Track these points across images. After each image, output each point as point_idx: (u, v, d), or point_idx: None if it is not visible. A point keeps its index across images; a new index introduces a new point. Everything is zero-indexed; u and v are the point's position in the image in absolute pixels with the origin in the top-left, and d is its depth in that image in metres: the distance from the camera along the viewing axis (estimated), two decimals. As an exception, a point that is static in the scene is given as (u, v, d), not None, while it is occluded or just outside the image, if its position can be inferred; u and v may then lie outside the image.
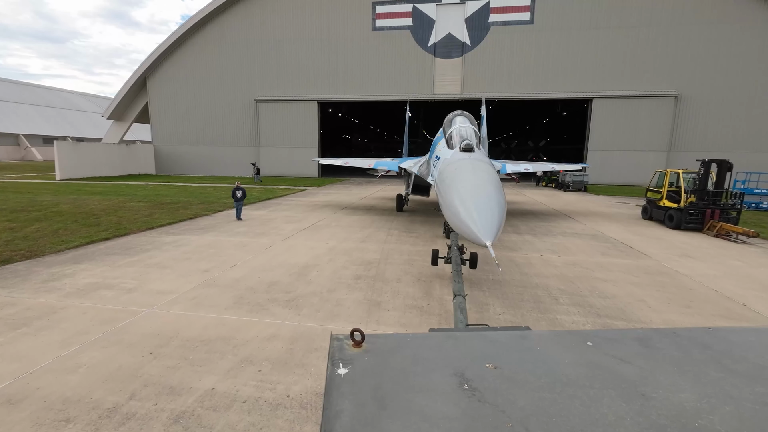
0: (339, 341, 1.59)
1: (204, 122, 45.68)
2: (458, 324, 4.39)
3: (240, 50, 43.65)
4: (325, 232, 14.39)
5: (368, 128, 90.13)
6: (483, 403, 1.26)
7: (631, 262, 11.05)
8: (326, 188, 31.80)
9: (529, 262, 10.88)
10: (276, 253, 11.32)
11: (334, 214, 18.41)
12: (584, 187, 33.48)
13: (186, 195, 24.57)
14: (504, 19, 40.56)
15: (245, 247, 11.95)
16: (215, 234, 13.71)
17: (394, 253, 11.55)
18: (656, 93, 38.95)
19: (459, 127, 10.40)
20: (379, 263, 10.45)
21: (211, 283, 8.70)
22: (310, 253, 11.28)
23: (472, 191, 6.78)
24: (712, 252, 12.44)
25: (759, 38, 36.50)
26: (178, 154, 46.21)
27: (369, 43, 42.03)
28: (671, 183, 17.87)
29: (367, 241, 13.08)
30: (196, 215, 17.26)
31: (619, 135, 40.01)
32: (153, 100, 45.62)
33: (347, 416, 1.19)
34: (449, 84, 42.19)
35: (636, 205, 24.18)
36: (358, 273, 9.58)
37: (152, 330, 6.38)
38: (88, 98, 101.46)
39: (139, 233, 13.66)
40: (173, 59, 44.61)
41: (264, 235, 13.68)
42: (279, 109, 44.29)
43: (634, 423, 1.19)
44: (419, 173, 15.33)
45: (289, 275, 9.29)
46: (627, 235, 14.96)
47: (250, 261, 10.44)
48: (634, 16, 38.41)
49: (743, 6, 36.35)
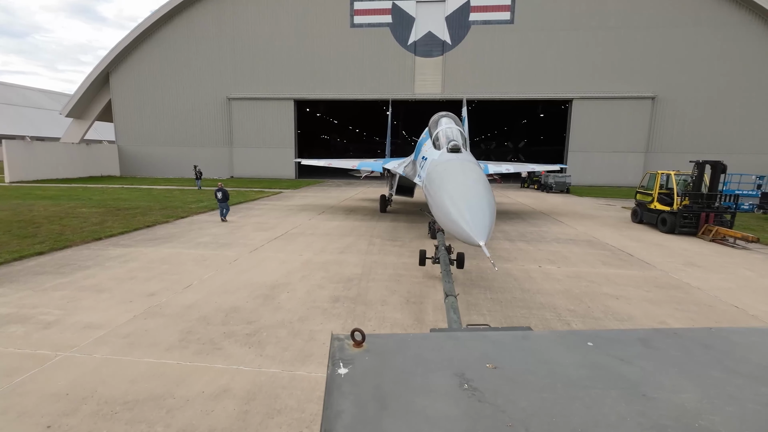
0: (340, 341, 1.58)
1: (173, 121, 43.14)
2: (452, 324, 4.24)
3: (211, 45, 41.40)
4: (299, 241, 12.91)
5: (347, 129, 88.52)
6: (484, 403, 1.26)
7: (637, 274, 10.08)
8: (303, 191, 30.17)
9: (528, 275, 9.74)
10: (241, 268, 9.79)
11: (310, 220, 16.92)
12: (567, 188, 33.07)
13: (148, 199, 22.52)
14: (484, 18, 39.91)
15: (205, 261, 10.35)
16: (173, 245, 12.02)
17: (378, 266, 10.21)
18: (634, 95, 39.12)
19: (445, 128, 10.37)
20: (360, 280, 9.08)
21: (155, 311, 7.13)
22: (281, 269, 9.80)
23: (462, 192, 6.77)
24: (716, 260, 11.65)
25: (731, 41, 37.10)
26: (145, 154, 43.48)
27: (347, 40, 40.58)
28: (662, 185, 17.27)
29: (346, 252, 11.69)
30: (155, 223, 15.43)
31: (598, 136, 40.01)
32: (117, 97, 42.78)
33: (348, 416, 1.18)
34: (430, 83, 41.23)
35: (622, 207, 23.71)
36: (337, 293, 8.19)
37: (61, 387, 4.82)
38: (51, 95, 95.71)
39: (82, 245, 11.83)
40: (138, 54, 41.92)
41: (229, 246, 12.08)
42: (253, 107, 42.25)
43: (635, 423, 1.18)
44: (405, 174, 14.99)
45: (253, 298, 7.80)
46: (623, 240, 14.11)
47: (208, 280, 8.88)
48: (613, 18, 38.45)
49: (716, 9, 36.87)
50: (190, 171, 43.19)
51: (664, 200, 16.69)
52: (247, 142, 42.78)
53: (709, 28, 37.09)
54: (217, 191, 16.10)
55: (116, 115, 43.09)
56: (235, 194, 26.05)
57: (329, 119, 73.25)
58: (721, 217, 15.23)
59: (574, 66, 39.41)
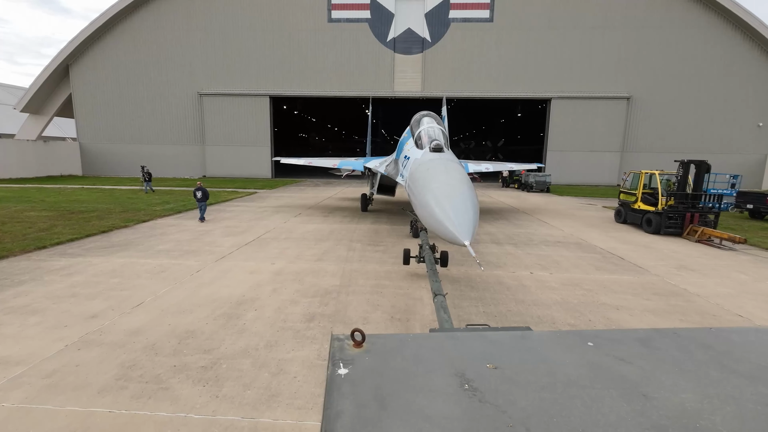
0: (340, 341, 1.58)
1: (140, 117, 40.86)
2: (444, 323, 4.20)
3: (180, 37, 39.36)
4: (272, 247, 11.84)
5: (326, 127, 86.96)
6: (484, 403, 1.26)
7: (633, 280, 9.54)
8: (279, 191, 28.87)
9: (521, 283, 9.03)
10: (203, 281, 8.68)
11: (285, 223, 15.82)
12: (547, 187, 32.98)
13: (109, 201, 20.83)
14: (464, 16, 39.49)
15: (163, 273, 9.17)
16: (128, 254, 10.74)
17: (358, 275, 9.30)
18: (610, 95, 39.56)
19: (427, 127, 10.44)
20: (339, 292, 8.14)
21: (93, 339, 6.00)
22: (250, 281, 8.75)
23: (446, 191, 6.76)
24: (707, 263, 11.28)
25: (701, 43, 37.97)
26: (110, 152, 41.03)
27: (325, 35, 39.37)
28: (645, 185, 17.04)
29: (324, 259, 10.72)
30: (112, 228, 14.01)
31: (576, 136, 40.29)
32: (78, 92, 40.17)
33: (348, 416, 1.18)
34: (409, 81, 40.52)
35: (603, 207, 23.60)
36: (312, 310, 7.23)
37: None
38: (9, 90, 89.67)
39: (22, 255, 10.40)
40: (101, 45, 39.43)
41: (193, 254, 10.90)
42: (227, 103, 40.48)
43: (635, 423, 1.18)
44: (387, 173, 14.92)
45: (214, 319, 6.75)
46: (611, 242, 13.68)
47: (164, 296, 7.75)
48: (589, 18, 38.74)
49: (686, 11, 37.64)
50: (161, 170, 41.11)
51: (648, 200, 16.44)
52: (220, 140, 40.97)
53: (680, 29, 37.84)
54: (196, 190, 15.76)
55: (77, 111, 40.47)
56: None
57: (307, 117, 71.62)
58: (705, 217, 15.06)
59: (552, 65, 39.51)
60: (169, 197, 22.90)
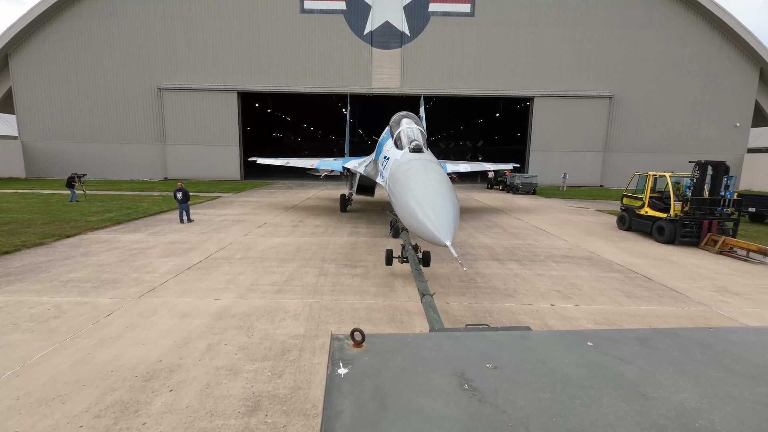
0: (339, 341, 1.56)
1: (92, 114, 37.03)
2: (434, 324, 4.02)
3: (137, 26, 35.83)
4: (221, 272, 9.33)
5: (301, 126, 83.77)
6: (483, 403, 1.25)
7: (677, 312, 7.61)
8: (246, 194, 26.08)
9: (544, 323, 6.90)
10: (109, 333, 6.14)
11: (245, 236, 13.28)
12: (533, 189, 31.50)
13: (37, 209, 17.64)
14: (444, 10, 37.67)
15: (55, 320, 6.55)
16: (20, 287, 8.00)
17: (330, 317, 6.95)
18: (593, 93, 38.65)
19: (406, 128, 10.44)
20: (302, 350, 5.77)
21: None
22: (177, 331, 6.25)
23: (426, 192, 6.77)
24: (746, 282, 9.53)
25: (681, 43, 37.50)
26: (58, 152, 36.97)
27: (297, 26, 36.71)
28: (653, 188, 15.42)
29: (286, 289, 8.31)
30: (21, 246, 11.10)
31: (558, 135, 39.23)
32: (18, 85, 36.02)
33: (348, 416, 1.17)
34: (388, 77, 38.36)
35: (596, 210, 22.10)
36: (257, 389, 4.83)
37: None
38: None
39: None
40: (45, 34, 35.42)
41: (112, 285, 8.27)
42: (190, 99, 37.19)
43: (634, 423, 1.17)
44: (366, 173, 14.74)
45: (97, 414, 4.25)
46: (624, 256, 11.85)
47: (31, 368, 5.16)
48: (571, 16, 37.68)
49: (666, 11, 37.08)
50: (117, 172, 37.38)
51: (657, 205, 14.81)
52: (183, 139, 37.62)
53: (661, 29, 37.26)
54: (176, 191, 15.27)
55: (18, 106, 36.30)
56: (160, 200, 21.61)
57: (281, 116, 68.40)
58: (722, 225, 13.51)
59: (535, 63, 38.25)
60: (114, 204, 19.84)
